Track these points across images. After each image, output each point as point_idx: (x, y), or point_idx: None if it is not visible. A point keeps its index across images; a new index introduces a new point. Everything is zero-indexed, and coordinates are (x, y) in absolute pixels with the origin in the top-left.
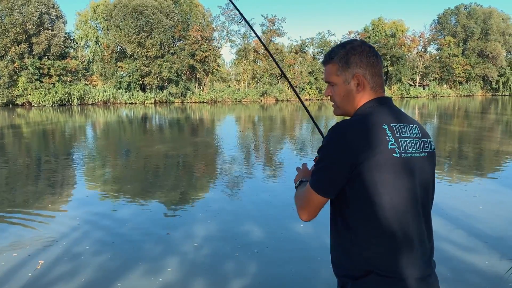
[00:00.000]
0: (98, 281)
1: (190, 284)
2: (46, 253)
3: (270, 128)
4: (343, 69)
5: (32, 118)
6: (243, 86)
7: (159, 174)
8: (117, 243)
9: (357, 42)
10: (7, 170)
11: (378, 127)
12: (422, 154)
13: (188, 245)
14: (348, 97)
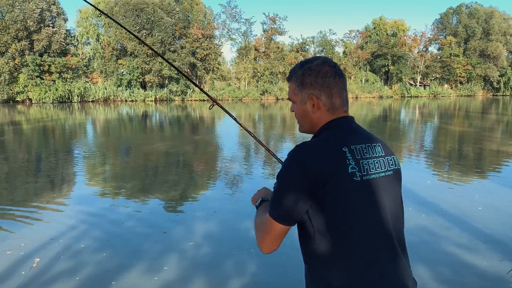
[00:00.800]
0: (95, 279)
1: (186, 283)
2: (43, 251)
3: (270, 127)
4: (299, 89)
5: (32, 115)
6: (244, 85)
7: (159, 172)
8: (115, 241)
9: (317, 61)
10: (7, 166)
11: (338, 150)
12: (388, 173)
13: (186, 244)
14: (306, 116)
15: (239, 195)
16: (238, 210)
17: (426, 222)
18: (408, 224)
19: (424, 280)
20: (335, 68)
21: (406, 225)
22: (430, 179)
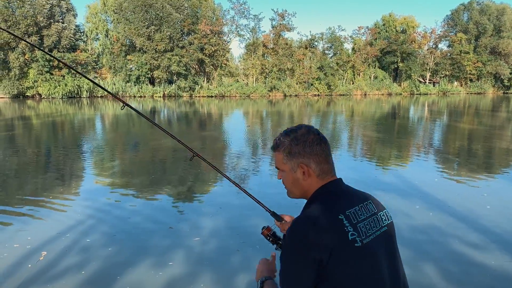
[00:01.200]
0: (101, 274)
1: (191, 279)
2: (50, 245)
3: (278, 123)
4: (287, 158)
5: (42, 109)
6: (252, 81)
7: (166, 168)
8: (121, 236)
9: (302, 130)
10: (16, 161)
11: (335, 219)
12: (382, 229)
13: (192, 240)
14: (296, 184)
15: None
16: (244, 206)
17: (434, 220)
18: (416, 222)
19: (432, 279)
20: (319, 135)
21: (414, 222)
22: (438, 177)
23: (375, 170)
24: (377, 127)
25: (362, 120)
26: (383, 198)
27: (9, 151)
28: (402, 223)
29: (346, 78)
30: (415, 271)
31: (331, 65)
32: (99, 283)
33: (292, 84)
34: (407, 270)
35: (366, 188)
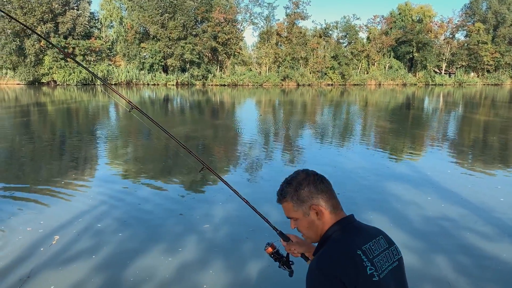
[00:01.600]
0: (112, 259)
1: (200, 265)
2: (63, 230)
3: (290, 113)
4: (298, 205)
5: (57, 96)
6: (265, 70)
7: (179, 155)
8: (134, 222)
9: (301, 175)
10: (32, 146)
11: (354, 255)
12: (394, 264)
13: (202, 227)
14: (312, 226)
15: (257, 180)
16: (255, 194)
17: (447, 212)
18: (428, 213)
19: (443, 270)
20: (318, 175)
21: (426, 214)
22: (451, 168)
23: (388, 161)
24: (391, 117)
25: (375, 110)
26: (395, 189)
27: (25, 137)
28: (414, 214)
29: (360, 67)
30: (426, 262)
31: (346, 54)
32: (110, 267)
33: (305, 74)
34: (418, 261)
35: (379, 178)
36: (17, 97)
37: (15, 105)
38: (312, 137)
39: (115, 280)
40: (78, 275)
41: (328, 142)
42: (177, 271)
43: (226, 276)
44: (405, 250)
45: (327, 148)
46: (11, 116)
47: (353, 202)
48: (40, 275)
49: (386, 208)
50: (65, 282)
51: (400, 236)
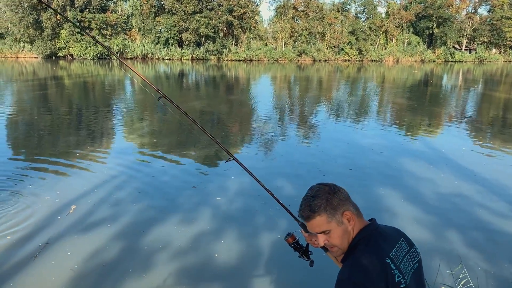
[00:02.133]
0: (127, 228)
1: (214, 235)
2: (80, 200)
3: (306, 89)
4: (332, 214)
5: (74, 70)
6: (280, 45)
7: (194, 130)
8: (149, 193)
9: (323, 187)
10: (50, 119)
11: (384, 264)
12: (415, 266)
13: (215, 199)
14: (345, 235)
15: (271, 155)
16: (268, 169)
17: (460, 188)
18: (441, 190)
19: (455, 245)
20: (332, 186)
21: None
22: (467, 146)
23: (403, 138)
24: (408, 94)
25: (393, 87)
26: (409, 165)
27: (43, 109)
28: (427, 190)
29: (378, 43)
30: (438, 237)
31: (363, 29)
32: (125, 236)
33: (322, 49)
34: (430, 236)
35: (393, 155)
36: (35, 71)
37: (33, 79)
38: (328, 113)
39: (130, 248)
40: (94, 243)
41: (343, 118)
42: (190, 240)
43: (237, 246)
44: (418, 225)
45: (343, 124)
46: (29, 90)
47: (367, 178)
48: (57, 242)
49: (400, 184)
50: (81, 250)
51: (412, 211)
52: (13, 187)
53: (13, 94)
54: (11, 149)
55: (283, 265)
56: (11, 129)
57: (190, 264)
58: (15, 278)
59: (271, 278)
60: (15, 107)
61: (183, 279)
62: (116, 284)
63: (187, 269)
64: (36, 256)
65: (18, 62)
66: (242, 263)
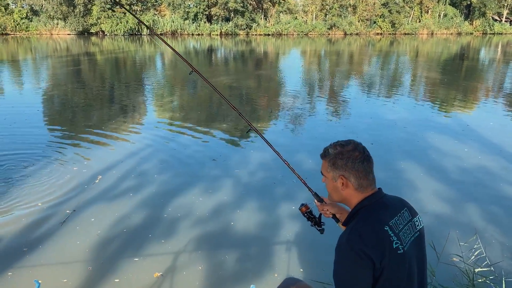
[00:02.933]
0: (152, 198)
1: (235, 205)
2: (107, 170)
3: (335, 63)
4: (331, 168)
5: (105, 46)
6: (311, 18)
7: (222, 104)
8: (174, 165)
9: (349, 147)
10: (83, 94)
11: (382, 231)
12: (415, 234)
13: (235, 172)
14: (335, 191)
15: (295, 129)
16: (291, 143)
17: (484, 164)
18: (463, 164)
19: (472, 218)
20: (364, 153)
21: (463, 164)
22: (496, 121)
23: (431, 113)
24: (442, 69)
25: (426, 61)
26: (434, 140)
27: (76, 84)
28: (449, 164)
29: (412, 16)
30: (456, 210)
31: (397, 1)
32: (149, 205)
33: (353, 22)
34: (447, 208)
35: (419, 130)
36: (68, 47)
37: (66, 55)
38: (357, 88)
39: (152, 216)
40: (118, 211)
41: (373, 93)
42: (213, 209)
43: (254, 216)
44: (437, 198)
45: (371, 100)
46: (63, 65)
47: (389, 152)
48: (83, 210)
49: (422, 158)
50: (106, 217)
51: (432, 184)
52: (45, 158)
53: (48, 69)
54: (46, 121)
55: (297, 234)
56: (47, 103)
57: (209, 232)
58: (44, 242)
59: (286, 246)
60: (51, 82)
61: (203, 244)
62: (139, 249)
63: (206, 236)
64: (63, 222)
65: (52, 39)
66: (258, 232)
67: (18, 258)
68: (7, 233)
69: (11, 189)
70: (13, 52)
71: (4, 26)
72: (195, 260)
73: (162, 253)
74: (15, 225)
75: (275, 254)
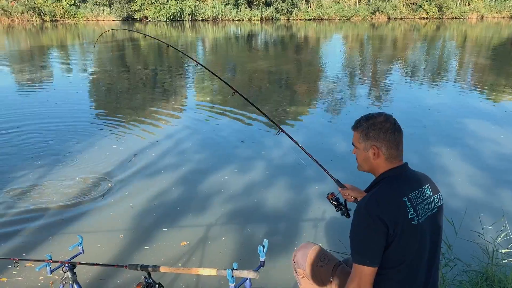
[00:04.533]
0: (188, 175)
1: (262, 184)
2: (145, 150)
3: (378, 48)
4: (363, 139)
5: (148, 32)
6: (353, 2)
7: (262, 89)
8: (209, 146)
9: (381, 118)
10: (127, 78)
11: (399, 201)
12: (433, 210)
13: (267, 154)
14: (366, 161)
15: (336, 118)
16: (327, 133)
17: None
18: (502, 150)
19: (504, 202)
20: (395, 125)
21: (500, 150)
22: None
23: (477, 99)
24: (491, 54)
25: (474, 46)
26: (471, 125)
27: (121, 69)
28: (487, 150)
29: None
30: (488, 194)
31: None
32: (185, 182)
33: (398, 6)
34: (479, 192)
35: (457, 115)
36: (113, 33)
37: (111, 40)
38: (401, 75)
39: (189, 192)
40: (155, 187)
41: (417, 79)
42: (245, 187)
43: (282, 195)
44: (469, 181)
45: (416, 85)
46: (108, 51)
47: (423, 137)
48: (120, 185)
49: (457, 143)
50: (142, 192)
51: (466, 168)
52: (88, 137)
53: (95, 54)
54: (91, 102)
55: (322, 214)
56: (93, 86)
57: (240, 208)
58: (83, 212)
59: (308, 224)
60: (97, 67)
61: (234, 218)
62: (168, 220)
63: (237, 211)
64: (104, 195)
65: (98, 25)
66: (285, 210)
67: (61, 225)
68: (51, 202)
69: (58, 163)
70: (62, 38)
71: (54, 13)
72: (220, 232)
73: (190, 225)
74: (57, 195)
75: (297, 230)
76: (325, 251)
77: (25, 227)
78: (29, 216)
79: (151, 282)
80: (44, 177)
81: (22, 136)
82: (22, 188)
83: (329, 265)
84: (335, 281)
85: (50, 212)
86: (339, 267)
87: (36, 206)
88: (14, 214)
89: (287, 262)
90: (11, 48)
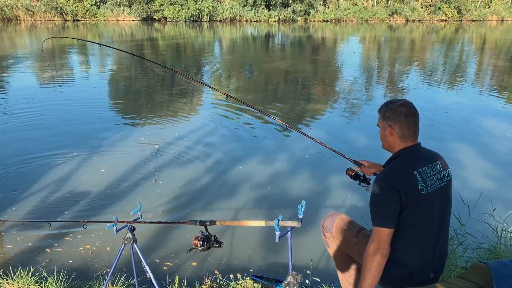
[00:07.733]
0: (217, 164)
1: (289, 174)
2: (168, 144)
3: (396, 50)
4: (382, 120)
5: (167, 32)
6: (371, 4)
7: (278, 88)
8: (234, 139)
9: (399, 102)
10: (146, 77)
11: (411, 174)
12: (442, 183)
13: (293, 148)
14: (384, 139)
15: (352, 118)
16: (345, 131)
17: None
18: None
19: None
20: (411, 110)
21: None
22: None
23: (490, 100)
24: (510, 57)
25: (494, 49)
26: (487, 124)
27: (140, 68)
28: (503, 147)
29: (480, 1)
30: (503, 187)
31: None
32: (214, 170)
33: (416, 8)
34: (494, 185)
35: (472, 113)
36: (133, 33)
37: (131, 40)
38: (418, 77)
39: (220, 178)
40: (183, 174)
41: (435, 81)
42: (270, 177)
43: (304, 183)
44: (484, 175)
45: (433, 87)
46: (127, 50)
47: (439, 135)
48: (148, 175)
49: (472, 140)
50: (175, 180)
51: (481, 164)
52: (117, 132)
53: (114, 54)
54: (111, 100)
55: (346, 198)
56: (113, 84)
57: (266, 194)
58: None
59: (329, 209)
60: (116, 66)
61: (261, 203)
62: (206, 204)
63: (263, 197)
64: (156, 180)
65: (118, 25)
66: (308, 195)
67: (112, 202)
68: (97, 184)
69: (97, 154)
70: (83, 37)
71: (75, 12)
72: (241, 214)
73: (214, 208)
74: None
75: (323, 204)
76: (349, 218)
77: (90, 195)
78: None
79: (208, 235)
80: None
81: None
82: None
83: (353, 230)
84: (358, 243)
85: (111, 184)
86: (362, 231)
87: (96, 179)
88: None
89: (316, 229)
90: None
